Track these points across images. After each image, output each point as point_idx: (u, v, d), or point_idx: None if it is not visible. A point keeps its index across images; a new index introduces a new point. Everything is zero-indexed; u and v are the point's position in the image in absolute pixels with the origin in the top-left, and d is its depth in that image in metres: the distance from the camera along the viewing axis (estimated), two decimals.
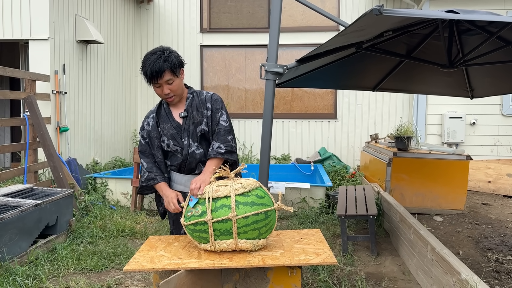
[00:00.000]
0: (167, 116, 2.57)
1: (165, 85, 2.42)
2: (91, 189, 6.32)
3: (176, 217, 2.60)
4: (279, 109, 9.18)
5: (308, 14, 8.96)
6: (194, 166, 2.53)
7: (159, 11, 9.36)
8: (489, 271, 3.81)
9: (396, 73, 4.72)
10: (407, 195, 5.88)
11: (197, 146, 2.52)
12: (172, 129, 2.52)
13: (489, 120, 8.26)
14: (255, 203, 2.07)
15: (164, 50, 2.43)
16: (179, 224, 2.56)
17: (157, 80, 2.39)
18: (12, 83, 9.15)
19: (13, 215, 3.77)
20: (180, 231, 2.60)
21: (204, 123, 2.53)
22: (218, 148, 2.43)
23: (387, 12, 2.22)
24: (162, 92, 2.45)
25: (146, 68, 2.39)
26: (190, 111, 2.55)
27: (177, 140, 2.52)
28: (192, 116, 2.54)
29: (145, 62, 2.41)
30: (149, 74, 2.37)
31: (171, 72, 2.40)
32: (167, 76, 2.40)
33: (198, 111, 2.55)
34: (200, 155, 2.52)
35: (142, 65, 2.43)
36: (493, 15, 2.61)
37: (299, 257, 2.02)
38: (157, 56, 2.38)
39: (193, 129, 2.52)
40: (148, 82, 2.45)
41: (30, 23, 6.10)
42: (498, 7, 7.84)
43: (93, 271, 3.82)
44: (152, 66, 2.36)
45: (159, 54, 2.40)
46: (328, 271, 3.76)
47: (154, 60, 2.37)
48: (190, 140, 2.51)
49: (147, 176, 2.53)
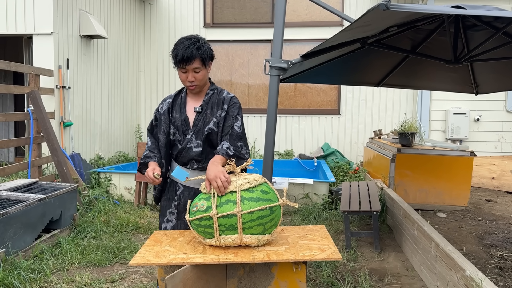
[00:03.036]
0: (181, 106, 2.57)
1: (191, 72, 2.42)
2: (95, 183, 6.34)
3: (164, 204, 2.62)
4: (283, 105, 9.17)
5: (312, 9, 8.92)
6: (186, 161, 2.52)
7: (162, 6, 9.34)
8: (493, 268, 3.80)
9: (401, 69, 4.69)
10: (411, 191, 5.87)
11: (197, 143, 2.50)
12: (179, 121, 2.53)
13: (493, 116, 8.22)
14: (260, 199, 2.07)
15: (199, 38, 2.44)
16: (164, 211, 2.61)
17: (186, 65, 2.39)
18: (16, 77, 9.16)
19: (18, 209, 3.79)
20: (163, 218, 2.62)
21: (213, 122, 2.49)
22: (227, 148, 2.38)
23: (394, 7, 2.21)
24: (187, 79, 2.45)
25: (178, 51, 2.38)
26: (206, 108, 2.53)
27: (181, 132, 2.53)
28: (205, 114, 2.52)
29: (178, 45, 2.40)
30: (180, 57, 2.37)
31: (201, 61, 2.40)
32: (196, 64, 2.40)
33: (212, 111, 2.52)
34: (196, 153, 2.50)
35: (174, 48, 2.42)
36: (500, 11, 2.59)
37: (304, 252, 2.02)
38: (192, 42, 2.39)
39: (201, 126, 2.50)
40: (175, 65, 2.44)
41: (34, 18, 6.10)
42: (505, 2, 7.79)
43: (97, 265, 3.84)
44: (184, 50, 2.36)
45: (194, 40, 2.40)
46: (332, 267, 3.77)
47: (188, 45, 2.37)
48: (193, 136, 2.50)
49: (146, 153, 2.55)
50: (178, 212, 2.56)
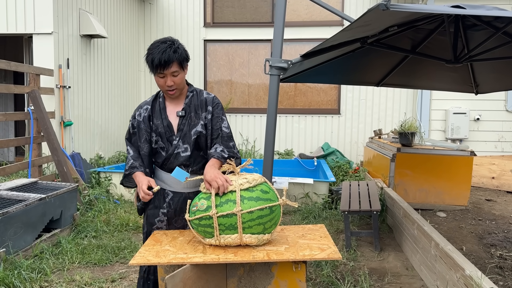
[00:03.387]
0: (161, 112, 2.46)
1: (170, 76, 2.33)
2: (95, 183, 6.34)
3: (151, 213, 2.50)
4: (283, 104, 9.17)
5: (312, 8, 8.92)
6: (174, 167, 2.41)
7: (162, 6, 9.34)
8: (493, 267, 3.80)
9: (401, 68, 4.70)
10: (411, 190, 5.87)
11: (185, 148, 2.42)
12: (162, 127, 2.43)
13: (493, 116, 8.23)
14: (260, 198, 2.08)
15: (173, 41, 2.35)
16: (153, 219, 2.49)
17: (163, 70, 2.30)
18: (16, 77, 9.16)
19: (18, 209, 3.79)
20: (152, 226, 2.49)
21: (200, 125, 2.44)
22: (222, 151, 2.37)
23: (393, 7, 2.21)
24: (165, 84, 2.35)
25: (154, 56, 2.28)
26: (189, 111, 2.45)
27: (165, 139, 2.44)
28: (189, 117, 2.45)
29: (153, 50, 2.31)
30: (157, 62, 2.27)
31: (178, 64, 2.32)
32: (174, 68, 2.31)
33: (197, 113, 2.45)
34: (184, 158, 2.42)
35: (149, 53, 2.32)
36: (500, 10, 2.59)
37: (303, 252, 2.03)
38: (167, 46, 2.30)
39: (187, 130, 2.43)
40: (153, 71, 2.34)
41: (34, 17, 6.10)
42: (505, 2, 7.79)
43: (97, 265, 3.85)
44: (161, 55, 2.26)
45: (169, 44, 2.31)
46: (332, 267, 3.77)
47: (164, 49, 2.28)
48: (180, 141, 2.42)
49: (131, 164, 2.44)
50: (168, 218, 2.48)
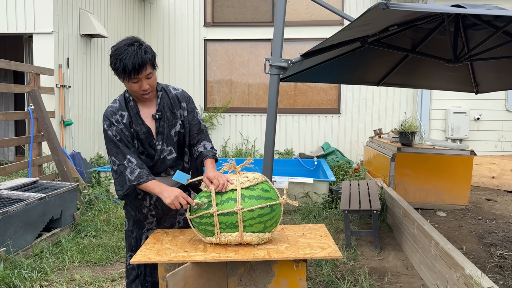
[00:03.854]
0: (136, 117, 2.28)
1: (144, 79, 2.15)
2: (95, 182, 6.34)
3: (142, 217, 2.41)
4: (283, 104, 9.17)
5: (312, 8, 8.92)
6: (161, 171, 2.35)
7: (162, 5, 9.34)
8: (493, 267, 3.81)
9: (401, 68, 4.70)
10: (411, 190, 5.87)
11: (170, 150, 2.33)
12: (142, 133, 2.28)
13: (493, 115, 8.23)
14: (261, 197, 2.08)
15: (139, 40, 2.16)
16: (141, 223, 2.43)
17: (138, 74, 2.11)
18: (16, 76, 9.16)
19: (18, 208, 3.79)
20: (142, 230, 2.43)
21: (179, 124, 2.34)
22: (212, 148, 2.36)
23: (393, 6, 2.22)
24: (140, 88, 2.17)
25: (126, 61, 2.07)
26: (164, 112, 2.31)
27: (146, 145, 2.31)
28: (166, 118, 2.31)
29: (122, 54, 2.08)
30: (131, 67, 2.07)
31: (151, 65, 2.15)
32: (148, 70, 2.14)
33: (172, 112, 2.33)
34: (171, 160, 2.34)
35: (117, 58, 2.09)
36: (500, 10, 2.60)
37: (304, 251, 2.03)
38: (137, 47, 2.10)
39: (167, 132, 2.32)
40: (125, 77, 2.12)
41: (34, 17, 6.10)
42: (505, 1, 7.78)
43: (97, 264, 3.85)
44: (134, 58, 2.06)
45: (138, 45, 2.11)
46: (332, 266, 3.77)
47: (134, 51, 2.08)
48: (164, 145, 2.31)
49: (138, 173, 2.20)
50: (157, 219, 2.46)
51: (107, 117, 2.27)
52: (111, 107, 2.29)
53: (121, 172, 2.25)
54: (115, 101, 2.33)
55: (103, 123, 2.28)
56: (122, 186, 2.29)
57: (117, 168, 2.26)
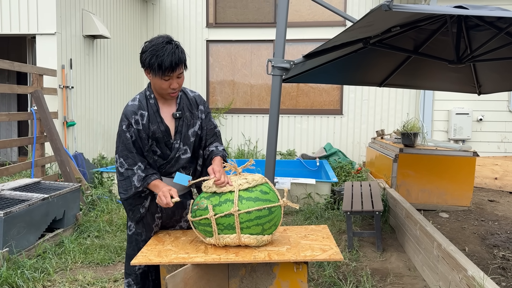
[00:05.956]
0: (155, 115, 2.27)
1: (175, 78, 2.18)
2: (98, 183, 6.35)
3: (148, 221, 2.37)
4: (285, 105, 9.17)
5: (314, 9, 8.92)
6: (174, 170, 2.33)
7: (165, 6, 9.36)
8: (495, 268, 3.79)
9: (403, 69, 4.69)
10: (413, 191, 5.86)
11: (185, 149, 2.33)
12: (159, 132, 2.26)
13: (496, 116, 8.20)
14: (259, 199, 2.08)
15: (174, 40, 2.19)
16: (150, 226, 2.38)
17: (172, 72, 2.13)
18: (19, 77, 9.20)
19: (21, 208, 3.80)
20: (150, 233, 2.37)
21: (198, 125, 2.37)
22: (223, 150, 2.42)
23: (396, 7, 2.22)
24: (169, 87, 2.18)
25: (164, 58, 2.08)
26: (184, 111, 2.33)
27: (162, 144, 2.30)
28: (185, 118, 2.33)
29: (160, 51, 2.10)
30: (168, 65, 2.08)
31: (184, 65, 2.19)
32: (181, 69, 2.17)
33: (191, 112, 2.35)
34: (185, 160, 2.34)
35: (154, 54, 2.10)
36: (502, 11, 2.59)
37: (305, 253, 2.03)
38: (175, 46, 2.13)
39: (185, 131, 2.33)
40: (159, 74, 2.13)
41: (37, 18, 6.12)
42: (507, 2, 7.76)
43: (100, 264, 3.86)
44: (172, 56, 2.09)
45: (175, 44, 2.15)
46: (334, 267, 3.77)
47: (172, 50, 2.11)
48: (181, 144, 2.32)
49: (143, 178, 2.23)
50: (162, 222, 2.45)
51: (126, 117, 2.25)
52: (132, 106, 2.27)
53: (128, 177, 2.24)
54: (134, 99, 2.31)
55: (121, 123, 2.26)
56: (126, 190, 2.28)
57: (125, 171, 2.25)
